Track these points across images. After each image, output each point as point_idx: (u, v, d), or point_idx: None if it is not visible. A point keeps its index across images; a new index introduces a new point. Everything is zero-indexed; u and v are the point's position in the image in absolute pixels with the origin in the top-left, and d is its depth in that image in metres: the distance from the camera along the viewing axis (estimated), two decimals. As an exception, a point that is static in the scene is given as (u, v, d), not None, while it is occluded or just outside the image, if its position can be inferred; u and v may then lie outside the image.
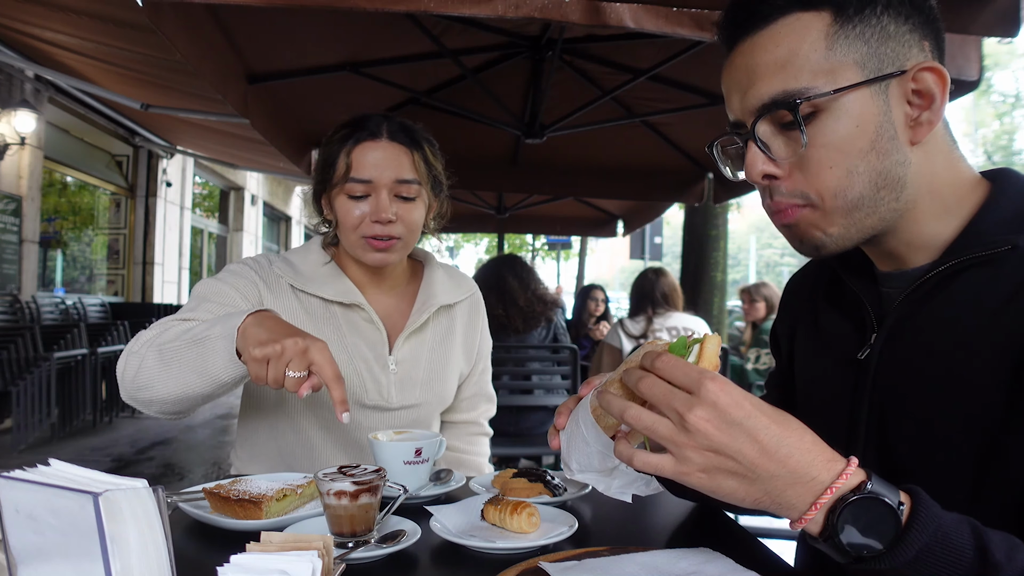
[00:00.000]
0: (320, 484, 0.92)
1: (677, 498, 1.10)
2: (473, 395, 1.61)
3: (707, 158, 4.13)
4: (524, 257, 5.41)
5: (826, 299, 0.95)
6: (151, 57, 4.06)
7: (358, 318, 1.40)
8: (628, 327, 3.82)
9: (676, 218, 19.44)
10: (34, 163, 6.60)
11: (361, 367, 1.38)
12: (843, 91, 0.74)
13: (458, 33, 2.90)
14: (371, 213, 1.32)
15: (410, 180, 1.34)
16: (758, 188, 0.83)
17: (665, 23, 1.78)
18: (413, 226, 1.37)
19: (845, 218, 0.78)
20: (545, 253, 22.56)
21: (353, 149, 1.34)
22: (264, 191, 13.01)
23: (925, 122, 0.76)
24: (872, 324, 0.85)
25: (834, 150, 0.76)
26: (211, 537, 0.99)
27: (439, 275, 1.52)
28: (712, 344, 0.72)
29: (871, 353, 0.84)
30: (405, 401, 1.42)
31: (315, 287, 1.37)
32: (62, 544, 0.63)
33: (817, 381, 0.94)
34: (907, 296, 0.81)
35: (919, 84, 0.76)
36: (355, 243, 1.36)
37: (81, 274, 8.67)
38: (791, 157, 0.78)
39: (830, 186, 0.76)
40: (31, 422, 4.97)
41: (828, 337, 0.92)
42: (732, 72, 0.81)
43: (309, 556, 0.63)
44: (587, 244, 19.26)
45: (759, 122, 0.78)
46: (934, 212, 0.80)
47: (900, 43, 0.75)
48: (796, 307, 1.03)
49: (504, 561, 0.88)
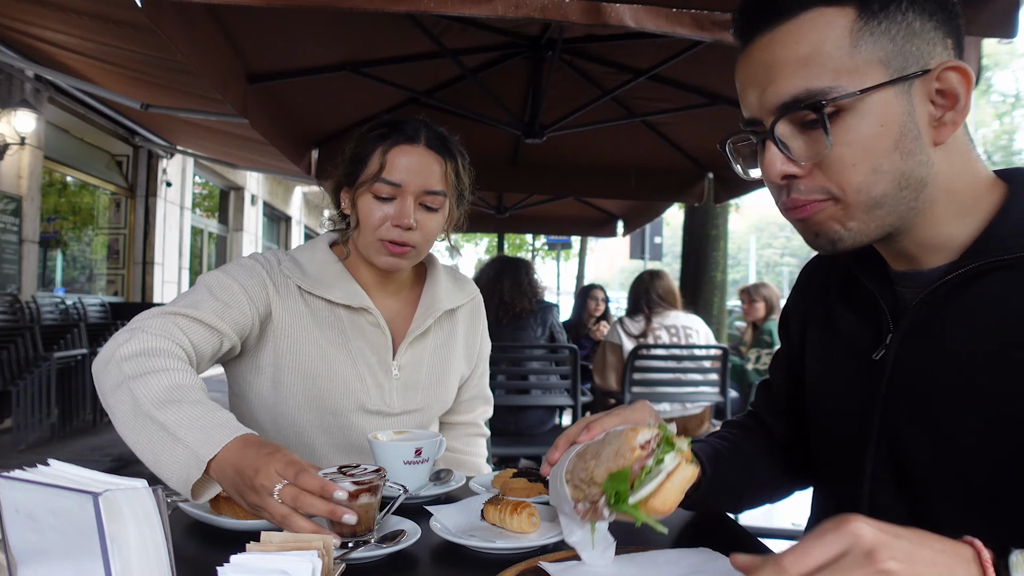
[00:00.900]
0: None
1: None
2: (472, 397, 1.61)
3: (707, 158, 4.15)
4: (524, 257, 5.41)
5: (840, 297, 0.93)
6: (151, 57, 4.06)
7: (364, 322, 1.38)
8: (628, 326, 3.84)
9: (676, 218, 19.42)
10: (34, 163, 6.60)
11: (364, 372, 1.36)
12: (869, 91, 0.72)
13: (458, 33, 2.90)
14: (393, 217, 1.31)
15: (437, 192, 1.33)
16: (771, 186, 0.81)
17: (665, 23, 1.78)
18: (430, 236, 1.36)
19: (866, 214, 0.76)
20: (545, 253, 22.55)
21: (389, 150, 1.32)
22: (264, 191, 13.01)
23: (949, 122, 0.75)
24: (888, 324, 0.84)
25: (858, 149, 0.74)
26: (211, 537, 0.99)
27: (443, 279, 1.51)
28: (679, 479, 0.75)
29: (886, 354, 0.82)
30: (407, 406, 1.41)
31: (322, 289, 1.35)
32: (62, 544, 0.63)
33: (829, 378, 0.92)
34: (925, 297, 0.79)
35: (943, 84, 0.74)
36: (370, 244, 1.34)
37: (81, 274, 8.67)
38: (814, 157, 0.75)
39: (854, 183, 0.75)
40: (31, 422, 4.97)
41: (842, 335, 0.91)
42: (749, 67, 0.78)
43: (309, 556, 0.63)
44: (587, 244, 19.25)
45: (779, 121, 0.75)
46: (951, 213, 0.78)
47: (925, 41, 0.73)
48: (810, 296, 1.01)
49: (504, 561, 0.88)
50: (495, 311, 3.64)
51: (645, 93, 3.43)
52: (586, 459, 0.81)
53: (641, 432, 0.76)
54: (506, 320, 3.67)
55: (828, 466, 0.94)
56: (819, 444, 0.96)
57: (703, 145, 4.04)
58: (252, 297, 1.28)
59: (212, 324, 1.20)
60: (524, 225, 7.86)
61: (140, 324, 1.14)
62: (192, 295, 1.24)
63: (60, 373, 5.28)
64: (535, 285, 3.81)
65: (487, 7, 1.67)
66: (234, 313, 1.24)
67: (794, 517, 4.08)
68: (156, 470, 0.98)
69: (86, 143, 8.06)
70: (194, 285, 1.29)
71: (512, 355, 3.61)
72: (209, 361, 1.25)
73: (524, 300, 3.71)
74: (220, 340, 1.23)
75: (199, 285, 1.27)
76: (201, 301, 1.22)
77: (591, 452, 0.81)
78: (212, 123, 5.52)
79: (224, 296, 1.25)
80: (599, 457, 0.78)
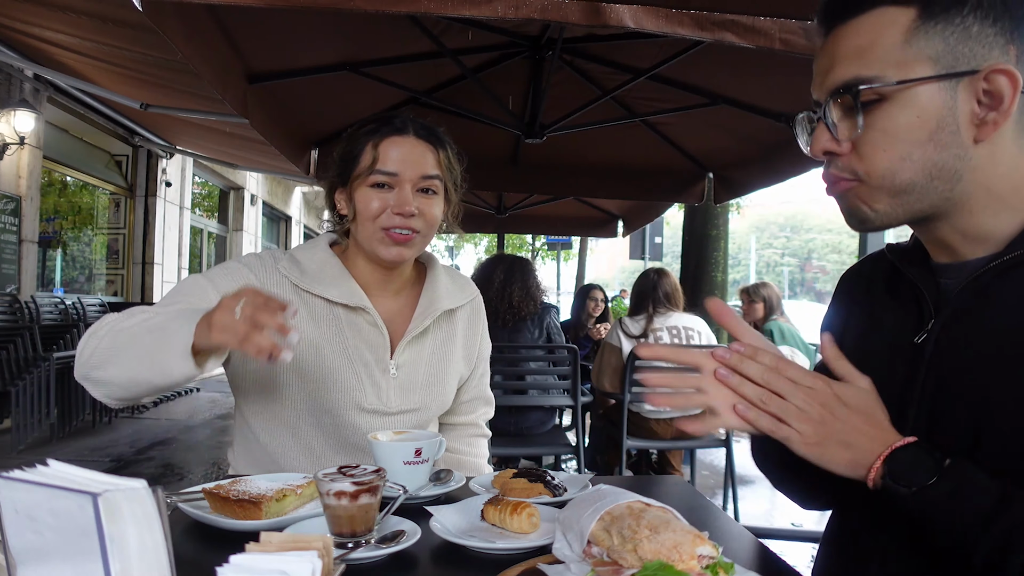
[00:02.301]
0: (320, 484, 0.91)
1: (677, 498, 1.09)
2: (472, 398, 1.61)
3: (707, 158, 4.16)
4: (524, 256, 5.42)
5: (885, 290, 0.97)
6: (151, 57, 4.06)
7: (362, 321, 1.38)
8: (628, 327, 3.82)
9: (676, 218, 19.40)
10: (33, 163, 6.59)
11: (361, 371, 1.36)
12: (908, 83, 0.78)
13: (458, 33, 2.90)
14: (394, 205, 1.32)
15: (434, 176, 1.35)
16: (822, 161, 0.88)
17: (665, 23, 1.78)
18: (433, 221, 1.37)
19: (891, 198, 0.82)
20: (545, 253, 22.57)
21: (380, 142, 1.34)
22: (264, 191, 13.01)
23: (991, 122, 0.78)
24: (930, 311, 0.86)
25: (890, 135, 0.79)
26: (210, 537, 0.99)
27: (442, 278, 1.51)
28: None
29: (927, 338, 0.85)
30: (404, 406, 1.41)
31: (320, 288, 1.35)
32: (61, 544, 0.62)
33: (868, 360, 0.91)
34: (967, 285, 0.82)
35: (991, 85, 0.77)
36: (373, 235, 1.34)
37: (80, 274, 8.66)
38: (850, 137, 0.82)
39: (878, 167, 0.81)
40: (30, 422, 4.97)
41: (883, 322, 0.94)
42: (822, 56, 0.86)
43: (309, 556, 0.63)
44: (587, 244, 19.26)
45: (830, 103, 0.82)
46: (990, 207, 0.81)
47: (980, 43, 0.77)
48: (850, 300, 1.04)
49: (504, 561, 0.88)
50: (503, 314, 3.62)
51: (645, 93, 3.43)
52: (639, 519, 0.78)
53: (706, 545, 0.76)
54: (512, 322, 3.66)
55: None
56: None
57: (703, 145, 4.04)
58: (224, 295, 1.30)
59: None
60: (524, 225, 7.86)
61: (107, 315, 1.23)
62: (165, 297, 1.30)
63: (59, 373, 5.28)
64: (540, 287, 3.81)
65: (487, 8, 1.67)
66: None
67: (794, 517, 4.08)
68: (158, 364, 1.07)
69: (85, 143, 8.05)
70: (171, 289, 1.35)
71: (511, 356, 3.60)
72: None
73: (531, 304, 3.70)
74: None
75: (173, 289, 1.33)
76: (172, 301, 1.27)
77: (649, 519, 0.78)
78: (212, 123, 5.52)
79: (195, 295, 1.28)
80: (655, 531, 0.76)
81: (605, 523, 0.81)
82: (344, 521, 0.91)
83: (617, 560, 0.77)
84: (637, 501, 0.83)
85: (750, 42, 1.81)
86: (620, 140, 4.09)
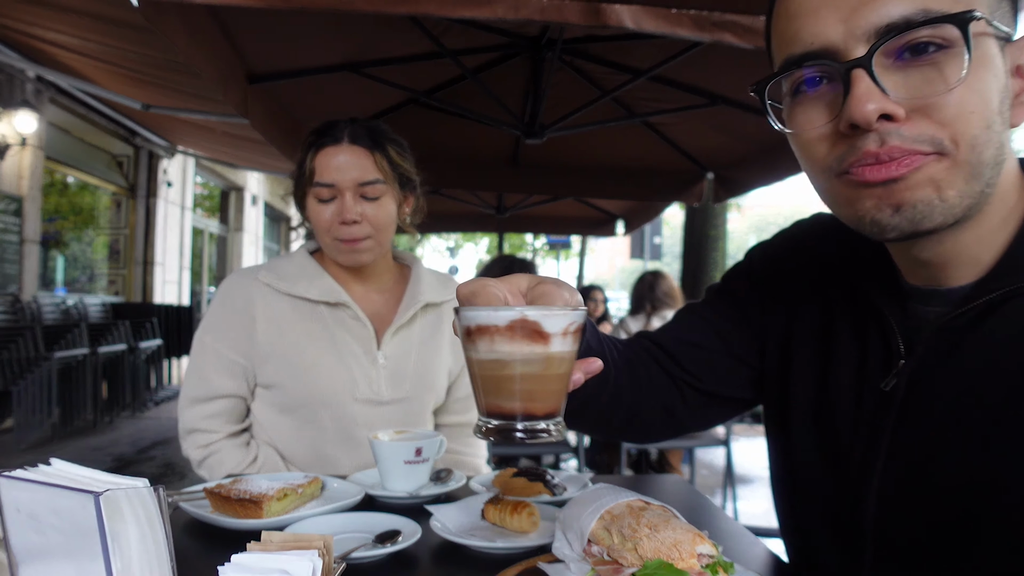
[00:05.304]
0: (464, 318, 0.58)
1: (677, 497, 1.10)
2: (467, 396, 1.62)
3: (707, 158, 4.15)
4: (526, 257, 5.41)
5: (842, 308, 0.80)
6: (151, 57, 4.06)
7: (345, 316, 1.45)
8: (628, 326, 3.84)
9: (676, 218, 19.42)
10: (35, 163, 6.60)
11: (351, 363, 1.42)
12: (992, 27, 0.59)
13: (458, 33, 2.90)
14: (337, 215, 1.38)
15: (372, 181, 1.39)
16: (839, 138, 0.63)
17: (665, 23, 1.78)
18: (381, 224, 1.41)
19: (967, 183, 0.61)
20: (545, 253, 22.55)
21: (316, 155, 1.39)
22: (265, 191, 13.00)
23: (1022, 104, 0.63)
24: (899, 349, 0.71)
25: (978, 95, 0.59)
26: (212, 537, 0.99)
27: (426, 276, 1.56)
28: None
29: (898, 383, 0.70)
30: (396, 394, 1.45)
31: (301, 289, 1.43)
32: (63, 543, 0.63)
33: (828, 408, 0.78)
34: (947, 322, 0.67)
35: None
36: (329, 245, 1.43)
37: (82, 274, 8.67)
38: (923, 97, 0.59)
39: (969, 135, 0.59)
40: (32, 422, 4.97)
41: (839, 354, 0.78)
42: None
43: (309, 556, 0.64)
44: (587, 244, 19.26)
45: (880, 47, 0.60)
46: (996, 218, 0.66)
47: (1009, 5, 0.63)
48: (792, 296, 0.86)
49: (504, 560, 0.88)
50: None
51: (645, 93, 3.43)
52: (638, 518, 0.78)
53: (705, 544, 0.75)
54: None
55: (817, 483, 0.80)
56: (811, 461, 0.81)
57: (703, 145, 4.03)
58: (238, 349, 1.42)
59: (231, 392, 1.42)
60: (524, 225, 7.86)
61: (189, 426, 1.43)
62: (195, 385, 1.43)
63: (61, 373, 5.29)
64: None
65: (487, 9, 1.67)
66: (235, 367, 1.42)
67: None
68: None
69: (87, 143, 8.05)
70: (191, 358, 1.46)
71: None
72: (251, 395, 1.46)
73: None
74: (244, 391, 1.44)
75: (192, 368, 1.44)
76: (210, 396, 1.42)
77: (649, 518, 0.78)
78: (212, 123, 5.52)
79: (223, 362, 1.43)
80: (655, 530, 0.76)
81: (605, 522, 0.81)
82: (517, 384, 0.55)
83: (617, 559, 0.77)
84: (637, 500, 0.83)
85: (750, 42, 1.81)
86: (620, 140, 4.09)
